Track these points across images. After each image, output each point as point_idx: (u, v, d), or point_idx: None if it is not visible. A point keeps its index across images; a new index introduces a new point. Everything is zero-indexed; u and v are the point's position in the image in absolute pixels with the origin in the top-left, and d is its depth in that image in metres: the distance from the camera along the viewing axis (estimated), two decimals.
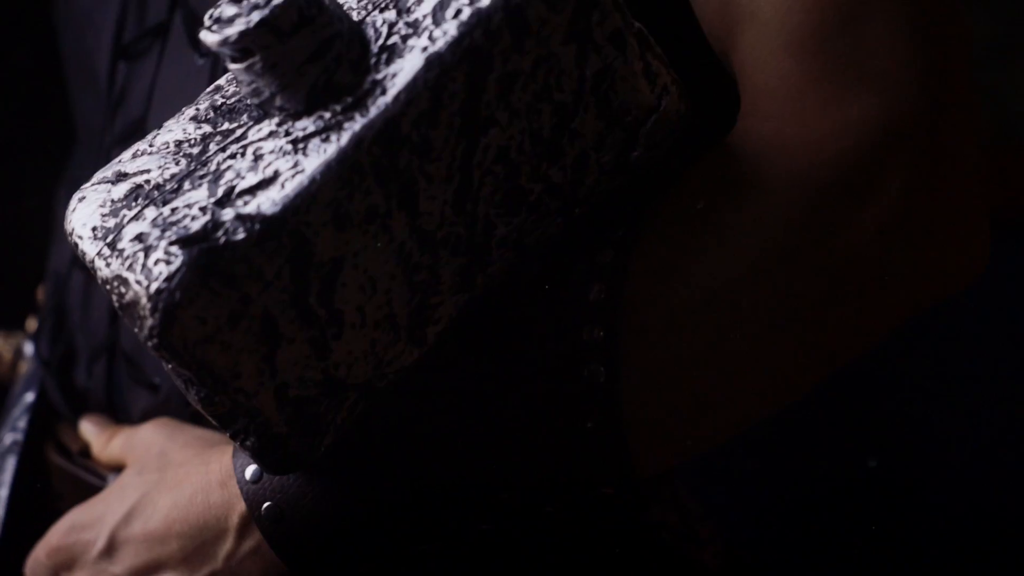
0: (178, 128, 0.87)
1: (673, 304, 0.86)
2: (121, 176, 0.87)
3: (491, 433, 0.88)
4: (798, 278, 0.85)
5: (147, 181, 0.85)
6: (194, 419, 1.00)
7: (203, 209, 0.82)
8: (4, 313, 1.24)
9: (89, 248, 0.84)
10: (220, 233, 0.81)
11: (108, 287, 0.83)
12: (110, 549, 0.96)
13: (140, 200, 0.84)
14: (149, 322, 0.81)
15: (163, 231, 0.82)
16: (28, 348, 1.13)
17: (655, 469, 0.89)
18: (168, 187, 0.84)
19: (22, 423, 1.08)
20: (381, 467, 0.89)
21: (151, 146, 0.87)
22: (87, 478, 1.03)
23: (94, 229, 0.85)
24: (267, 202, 0.81)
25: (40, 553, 1.00)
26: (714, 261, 0.86)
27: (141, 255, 0.82)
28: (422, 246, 0.84)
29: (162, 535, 0.94)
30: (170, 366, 0.83)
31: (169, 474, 0.96)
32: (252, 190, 0.82)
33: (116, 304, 0.83)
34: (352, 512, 0.90)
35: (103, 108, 1.06)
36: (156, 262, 0.81)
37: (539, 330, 0.87)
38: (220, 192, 0.83)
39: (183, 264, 0.81)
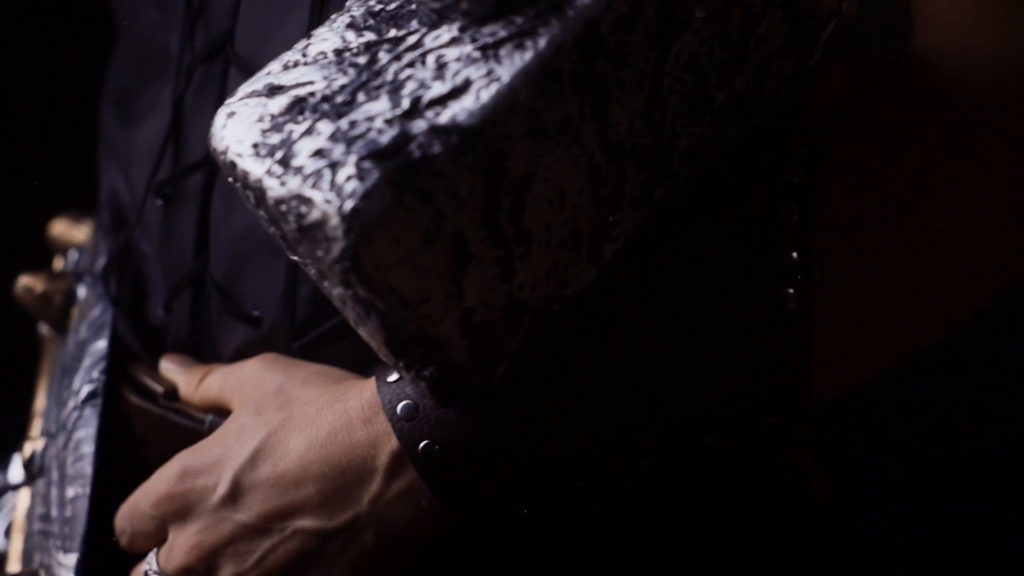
0: (334, 37, 0.81)
1: (866, 222, 0.83)
2: (275, 89, 0.80)
3: (667, 359, 0.84)
4: (991, 190, 0.83)
5: (311, 93, 0.79)
6: (303, 354, 0.93)
7: (389, 122, 0.76)
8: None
9: (253, 166, 0.78)
10: (413, 146, 0.75)
11: (282, 207, 0.77)
12: (234, 495, 0.89)
13: (307, 113, 0.78)
14: (340, 244, 0.75)
15: (348, 145, 0.76)
16: (81, 291, 1.05)
17: (825, 396, 0.86)
18: (339, 99, 0.78)
19: (96, 372, 1.00)
20: (545, 400, 0.85)
21: (304, 56, 0.81)
22: (179, 420, 0.96)
23: (255, 146, 0.78)
24: (462, 113, 0.76)
25: (143, 504, 0.92)
26: (905, 174, 0.83)
27: (327, 172, 0.76)
28: (610, 158, 0.80)
29: (296, 478, 0.88)
30: (350, 292, 0.78)
31: (296, 412, 0.89)
32: (442, 100, 0.77)
33: (294, 226, 0.77)
34: (515, 448, 0.85)
35: (178, 24, 0.98)
36: (347, 179, 0.75)
37: (725, 251, 0.83)
38: (405, 103, 0.77)
39: (379, 180, 0.75)
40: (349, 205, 0.75)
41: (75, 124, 1.22)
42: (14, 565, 1.02)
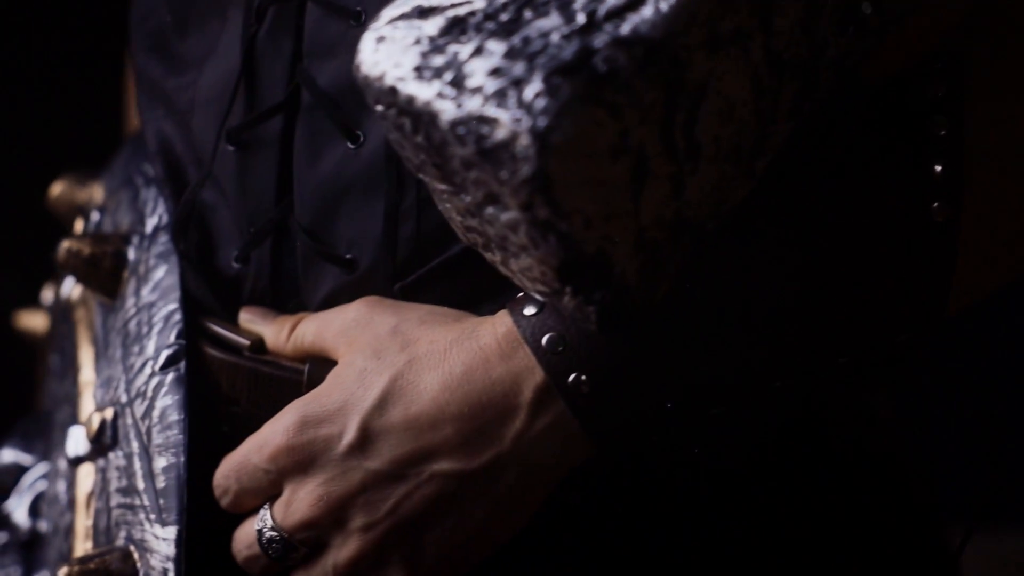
0: None
1: (1013, 130, 0.83)
2: (427, 11, 0.77)
3: (815, 275, 0.83)
4: None
5: (470, 13, 0.76)
6: (404, 296, 0.90)
7: (566, 37, 0.74)
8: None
9: (420, 90, 0.75)
10: (598, 60, 0.73)
11: (459, 129, 0.74)
12: (363, 442, 0.86)
13: (471, 33, 0.75)
14: (531, 163, 0.73)
15: (529, 62, 0.73)
16: (130, 253, 0.99)
17: (958, 309, 0.86)
18: (503, 17, 0.76)
19: (173, 336, 0.95)
20: (695, 324, 0.83)
21: None
22: (272, 372, 0.92)
23: (418, 69, 0.75)
24: (644, 24, 0.74)
25: (254, 459, 0.88)
26: None
27: (512, 90, 0.73)
28: (771, 69, 0.78)
29: (431, 420, 0.85)
30: (527, 215, 0.75)
31: (422, 352, 0.86)
32: (619, 12, 0.75)
33: (471, 149, 0.74)
34: (664, 375, 0.83)
35: None
36: (536, 95, 0.73)
37: (873, 166, 0.83)
38: (580, 18, 0.74)
39: (570, 96, 0.73)
40: (542, 122, 0.72)
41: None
42: (83, 544, 0.97)
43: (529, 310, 0.84)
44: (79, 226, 1.08)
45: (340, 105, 0.90)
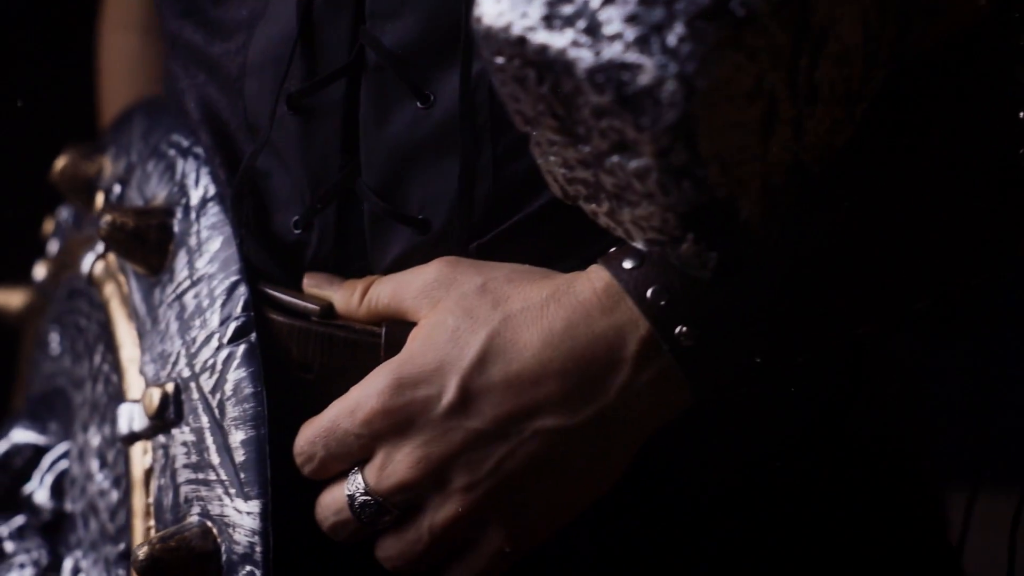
0: None
1: None
2: None
3: (902, 223, 0.85)
4: None
5: None
6: (480, 255, 0.89)
7: None
8: None
9: (553, 39, 0.75)
10: (735, 5, 0.74)
11: (598, 77, 0.74)
12: (464, 401, 0.85)
13: None
14: (678, 108, 0.73)
15: (667, 8, 0.73)
16: (175, 225, 0.96)
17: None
18: None
19: (239, 308, 0.92)
20: (798, 270, 0.84)
21: None
22: (349, 336, 0.90)
23: (546, 19, 0.75)
24: None
25: (344, 424, 0.86)
26: None
27: (655, 36, 0.73)
28: (878, 13, 0.80)
29: (534, 376, 0.84)
30: (661, 161, 0.75)
31: (516, 309, 0.85)
32: None
33: (610, 96, 0.74)
34: (766, 324, 0.84)
35: None
36: (680, 41, 0.73)
37: (958, 113, 0.85)
38: None
39: (716, 39, 0.73)
40: (690, 67, 0.73)
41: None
42: (143, 522, 0.94)
43: (629, 263, 0.84)
44: (100, 199, 1.05)
45: (408, 65, 0.89)
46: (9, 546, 1.05)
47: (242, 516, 0.89)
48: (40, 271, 1.15)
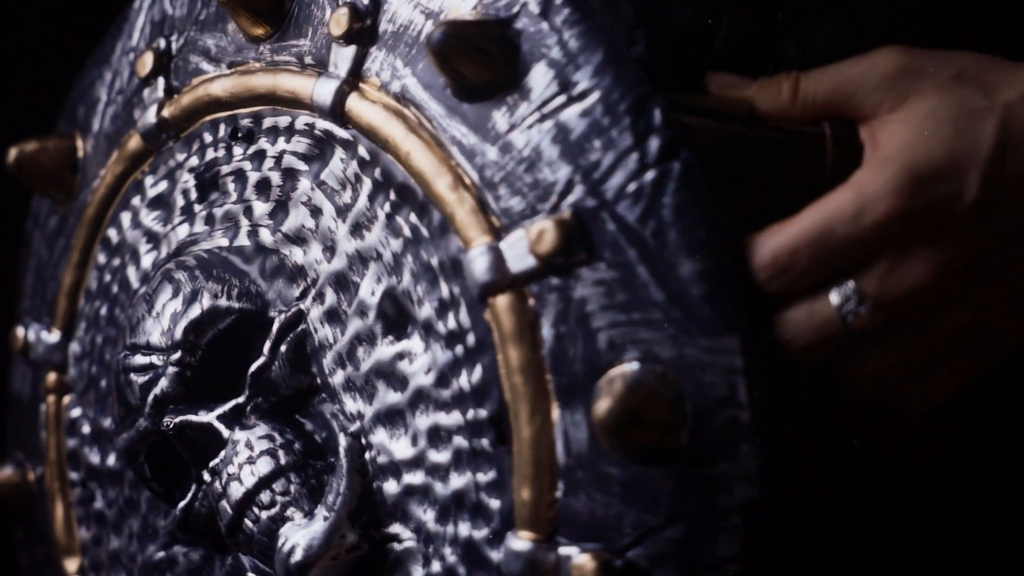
0: None
1: None
2: None
3: None
4: None
5: None
6: None
7: None
8: None
9: None
10: None
11: None
12: (987, 197, 0.79)
13: None
14: None
15: None
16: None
17: None
18: None
19: (657, 122, 0.78)
20: None
21: None
22: (788, 138, 0.79)
23: None
24: None
25: (846, 230, 0.79)
26: None
27: None
28: None
29: None
30: None
31: (1013, 97, 0.79)
32: None
33: None
34: None
35: None
36: None
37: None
38: None
39: None
40: None
41: None
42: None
43: None
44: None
45: None
46: None
47: (711, 355, 0.77)
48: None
